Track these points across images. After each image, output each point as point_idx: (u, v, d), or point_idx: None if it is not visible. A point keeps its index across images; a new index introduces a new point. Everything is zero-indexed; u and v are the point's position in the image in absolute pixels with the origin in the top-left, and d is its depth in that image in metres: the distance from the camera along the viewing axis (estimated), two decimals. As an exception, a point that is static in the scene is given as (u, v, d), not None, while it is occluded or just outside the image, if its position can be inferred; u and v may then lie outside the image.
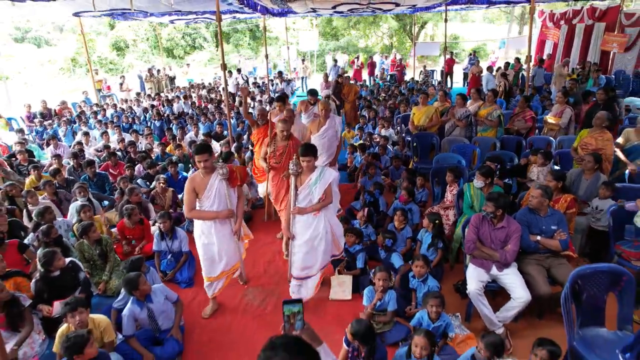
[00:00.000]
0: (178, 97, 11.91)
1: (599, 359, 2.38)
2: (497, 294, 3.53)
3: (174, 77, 17.03)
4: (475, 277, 3.28)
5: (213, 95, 12.87)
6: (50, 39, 27.90)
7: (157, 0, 8.07)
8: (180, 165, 6.48)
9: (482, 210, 3.42)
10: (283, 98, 5.61)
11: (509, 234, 3.28)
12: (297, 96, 15.17)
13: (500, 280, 3.26)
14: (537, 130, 6.57)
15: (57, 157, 6.81)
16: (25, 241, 4.40)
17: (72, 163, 6.68)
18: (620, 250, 3.60)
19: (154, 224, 5.01)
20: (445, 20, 12.50)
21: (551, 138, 5.97)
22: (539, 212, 3.43)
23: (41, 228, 4.22)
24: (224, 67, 7.18)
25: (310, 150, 3.38)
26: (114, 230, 5.12)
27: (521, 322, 3.41)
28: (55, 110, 10.88)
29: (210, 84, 15.87)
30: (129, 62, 25.55)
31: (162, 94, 12.85)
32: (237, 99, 10.79)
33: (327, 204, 3.49)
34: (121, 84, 13.79)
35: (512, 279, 3.18)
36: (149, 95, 12.64)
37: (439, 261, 3.93)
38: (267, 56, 12.73)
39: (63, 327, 3.04)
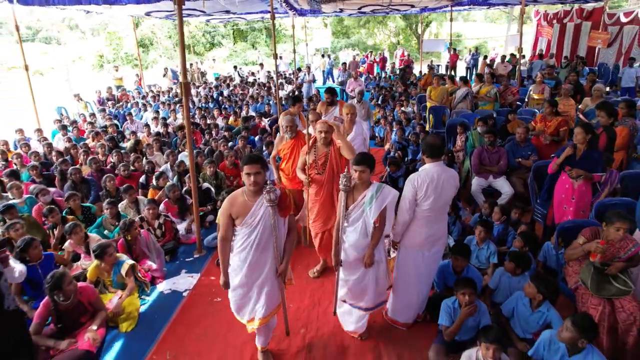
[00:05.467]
0: (219, 85, 13.83)
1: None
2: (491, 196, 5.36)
3: (205, 73, 18.85)
4: (477, 184, 5.15)
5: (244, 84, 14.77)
6: (59, 37, 29.85)
7: (217, 2, 9.90)
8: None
9: (484, 142, 5.27)
10: (299, 98, 5.42)
11: (500, 155, 5.15)
12: (316, 87, 17.08)
13: (494, 184, 5.12)
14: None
15: (147, 126, 8.71)
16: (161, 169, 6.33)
17: (161, 130, 8.53)
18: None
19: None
20: (451, 20, 14.31)
21: (535, 110, 7.80)
22: (520, 143, 5.27)
23: (176, 163, 6.12)
24: (275, 56, 9.05)
25: (366, 159, 2.83)
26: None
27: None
28: (117, 95, 12.73)
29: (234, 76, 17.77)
30: (152, 58, 27.45)
31: (207, 83, 14.79)
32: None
33: (381, 233, 2.93)
34: (164, 75, 15.67)
35: (502, 182, 5.05)
36: (193, 84, 14.51)
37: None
38: (294, 51, 14.63)
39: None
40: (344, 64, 16.52)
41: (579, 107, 6.65)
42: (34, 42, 28.40)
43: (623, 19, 13.46)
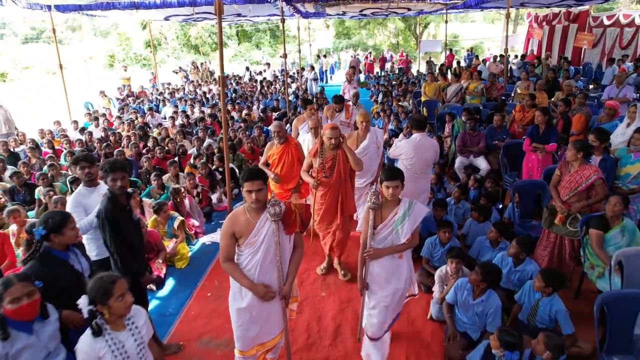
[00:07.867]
0: (230, 83, 14.85)
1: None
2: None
3: (213, 72, 19.87)
4: (460, 162, 6.16)
5: (253, 83, 15.78)
6: (63, 38, 30.88)
7: (231, 6, 10.90)
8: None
9: (467, 128, 6.26)
10: (310, 102, 5.54)
11: (480, 138, 6.14)
12: (319, 86, 18.14)
13: (474, 162, 6.11)
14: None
15: (172, 118, 9.72)
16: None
17: (184, 122, 9.54)
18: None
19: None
20: (446, 22, 15.29)
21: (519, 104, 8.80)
22: (497, 129, 6.27)
23: (202, 147, 7.13)
24: (284, 56, 10.07)
25: (399, 174, 2.67)
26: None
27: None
28: (136, 92, 13.76)
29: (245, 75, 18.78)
30: (161, 58, 28.50)
31: (216, 80, 15.87)
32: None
33: (413, 246, 2.81)
34: (176, 72, 16.73)
35: (480, 160, 6.04)
36: (206, 81, 15.55)
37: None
38: (299, 51, 15.67)
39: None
40: (352, 67, 17.57)
41: (552, 99, 7.64)
42: (38, 43, 29.39)
43: (606, 22, 14.45)
